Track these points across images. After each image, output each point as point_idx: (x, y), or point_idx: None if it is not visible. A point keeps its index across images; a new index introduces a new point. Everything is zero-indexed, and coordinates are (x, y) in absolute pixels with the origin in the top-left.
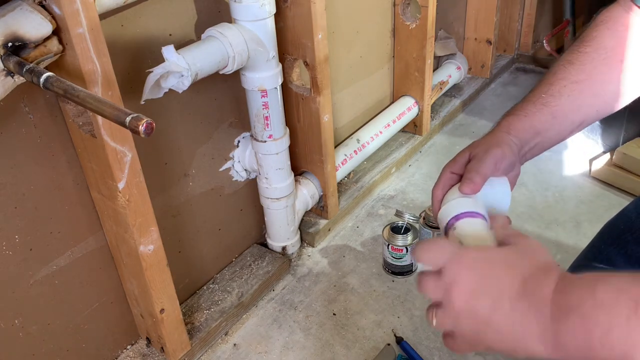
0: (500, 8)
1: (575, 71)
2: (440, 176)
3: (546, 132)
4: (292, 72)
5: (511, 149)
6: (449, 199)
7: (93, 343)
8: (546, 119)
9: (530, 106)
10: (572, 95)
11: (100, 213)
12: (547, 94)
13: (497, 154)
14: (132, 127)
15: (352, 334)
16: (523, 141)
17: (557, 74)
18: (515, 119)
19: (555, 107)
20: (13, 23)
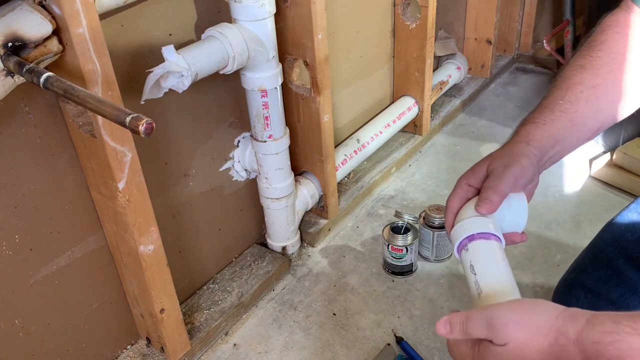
0: (500, 8)
1: (590, 76)
2: (456, 187)
3: (565, 139)
4: (292, 72)
5: (531, 161)
6: (463, 216)
7: (93, 343)
8: (565, 127)
9: (548, 113)
10: (589, 100)
11: (100, 213)
12: (565, 100)
13: (516, 170)
14: (132, 127)
15: (352, 334)
16: (543, 151)
17: (572, 78)
18: (534, 128)
19: (574, 114)
20: (13, 23)
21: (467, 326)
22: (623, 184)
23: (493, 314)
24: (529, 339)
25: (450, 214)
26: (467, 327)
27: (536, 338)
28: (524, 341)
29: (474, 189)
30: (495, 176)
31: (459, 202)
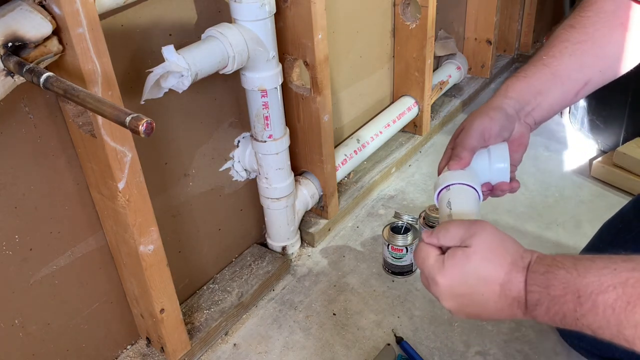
0: (500, 8)
1: (577, 33)
2: (445, 151)
3: (548, 91)
4: (292, 72)
5: (503, 112)
6: (444, 171)
7: (93, 343)
8: (547, 78)
9: (530, 67)
10: (574, 55)
11: (100, 213)
12: (548, 55)
13: (483, 122)
14: (132, 127)
15: (352, 334)
16: (523, 102)
17: (559, 37)
18: (515, 80)
19: (557, 67)
20: (13, 23)
21: (445, 233)
22: (623, 184)
23: (473, 222)
24: (495, 251)
25: (439, 174)
26: (444, 234)
27: (501, 255)
28: (490, 249)
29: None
30: (463, 133)
31: (443, 163)
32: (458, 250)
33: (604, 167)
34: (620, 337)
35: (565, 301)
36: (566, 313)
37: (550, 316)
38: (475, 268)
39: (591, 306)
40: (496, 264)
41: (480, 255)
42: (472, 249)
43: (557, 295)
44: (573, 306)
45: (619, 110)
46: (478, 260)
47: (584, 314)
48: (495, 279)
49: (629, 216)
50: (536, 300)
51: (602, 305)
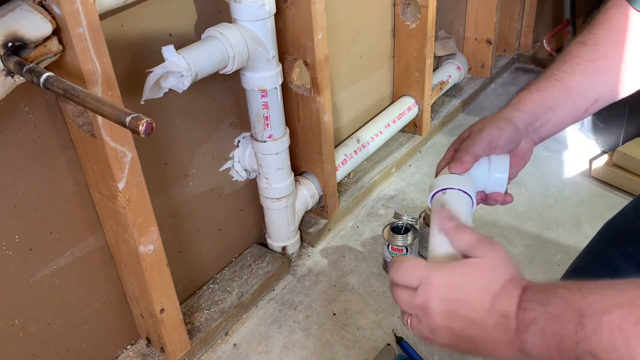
0: (500, 8)
1: (588, 50)
2: (446, 152)
3: (559, 107)
4: (292, 72)
5: (513, 125)
6: (442, 173)
7: (93, 343)
8: (559, 94)
9: (543, 81)
10: (586, 72)
11: (100, 213)
12: (561, 70)
13: (492, 132)
14: (132, 127)
15: (352, 334)
16: (533, 116)
17: (571, 52)
18: (527, 94)
19: (569, 83)
20: (13, 23)
21: (459, 236)
22: (623, 184)
23: (486, 237)
24: (499, 266)
25: (437, 175)
26: (459, 235)
27: (503, 269)
28: (495, 263)
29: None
30: (470, 138)
31: (443, 164)
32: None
33: (604, 167)
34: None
35: (565, 320)
36: (565, 335)
37: (545, 339)
38: (476, 275)
39: (595, 327)
40: (496, 276)
41: (484, 266)
42: (478, 259)
43: (557, 314)
44: (574, 327)
45: (619, 110)
46: (481, 269)
47: (587, 336)
48: (489, 289)
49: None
50: (530, 319)
51: (608, 326)
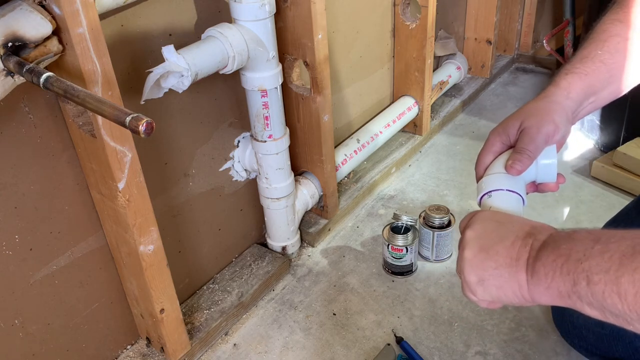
0: (500, 8)
1: (627, 28)
2: (487, 142)
3: (601, 91)
4: (292, 72)
5: (566, 116)
6: (494, 170)
7: (93, 343)
8: (604, 78)
9: (589, 64)
10: (626, 52)
11: (100, 213)
12: (604, 50)
13: (549, 131)
14: (132, 127)
15: (352, 334)
16: (579, 103)
17: (609, 31)
18: (577, 79)
19: (613, 65)
20: (13, 23)
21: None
22: (623, 184)
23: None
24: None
25: (480, 168)
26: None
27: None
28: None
29: (506, 146)
30: (528, 138)
31: (489, 157)
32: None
33: (603, 167)
34: (614, 286)
35: (581, 243)
36: (572, 255)
37: (555, 257)
38: (511, 216)
39: (601, 250)
40: (541, 223)
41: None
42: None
43: (576, 238)
44: (584, 248)
45: (618, 110)
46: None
47: (590, 257)
48: (530, 223)
49: (631, 215)
50: (553, 241)
51: (613, 250)
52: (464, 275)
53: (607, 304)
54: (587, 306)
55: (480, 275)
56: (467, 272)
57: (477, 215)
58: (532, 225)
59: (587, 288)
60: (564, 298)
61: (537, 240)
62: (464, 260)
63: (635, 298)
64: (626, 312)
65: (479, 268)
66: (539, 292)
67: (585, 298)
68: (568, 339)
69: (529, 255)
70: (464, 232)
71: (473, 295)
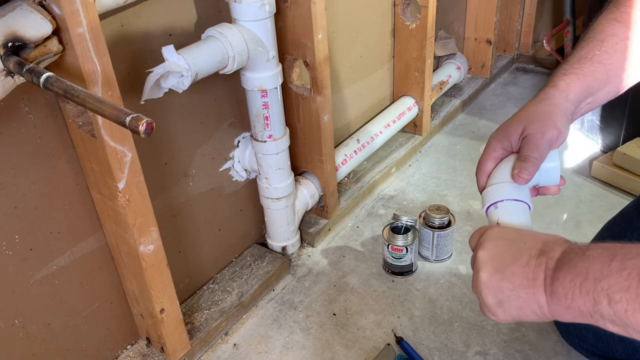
0: (500, 8)
1: (624, 28)
2: (488, 148)
3: (599, 92)
4: (292, 72)
5: (567, 119)
6: (497, 180)
7: (93, 343)
8: (602, 79)
9: (587, 64)
10: (623, 53)
11: (100, 213)
12: (602, 51)
13: (552, 134)
14: (132, 127)
15: (352, 334)
16: (577, 104)
17: (606, 30)
18: (575, 80)
19: (610, 66)
20: (13, 23)
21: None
22: (623, 184)
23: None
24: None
25: (483, 175)
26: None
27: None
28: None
29: (507, 152)
30: (532, 145)
31: (491, 163)
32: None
33: (603, 167)
34: (636, 304)
35: (597, 261)
36: (589, 274)
37: (573, 276)
38: (533, 232)
39: (619, 268)
40: (551, 235)
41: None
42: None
43: (592, 255)
44: (600, 266)
45: (618, 110)
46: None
47: (608, 275)
48: (542, 237)
49: (631, 215)
50: (568, 259)
51: (631, 268)
52: (482, 297)
53: (630, 322)
54: (610, 324)
55: (498, 298)
56: (485, 295)
57: (487, 234)
58: (543, 241)
59: (608, 307)
60: (585, 317)
61: (550, 258)
62: (480, 282)
63: None
64: None
65: (496, 290)
66: (560, 312)
67: (607, 317)
68: (568, 339)
69: (545, 275)
70: (476, 252)
71: (493, 316)
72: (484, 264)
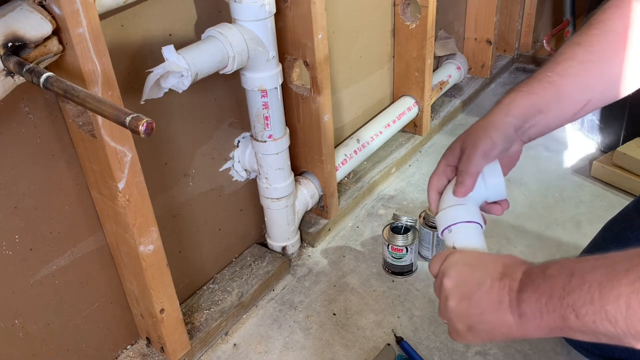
0: (500, 8)
1: (582, 52)
2: (437, 166)
3: (549, 110)
4: (292, 72)
5: (504, 132)
6: (446, 204)
7: (93, 343)
8: (551, 97)
9: (535, 83)
10: (578, 75)
11: (100, 213)
12: (554, 72)
13: (485, 146)
14: (132, 127)
15: (352, 334)
16: (523, 119)
17: (565, 54)
18: (519, 96)
19: (561, 87)
20: (13, 23)
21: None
22: (623, 184)
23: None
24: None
25: (433, 192)
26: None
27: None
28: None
29: (453, 167)
30: (465, 157)
31: (438, 180)
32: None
33: (603, 167)
34: (602, 314)
35: (557, 279)
36: (553, 292)
37: (538, 296)
38: (492, 255)
39: (579, 282)
40: (510, 257)
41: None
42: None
43: (551, 274)
44: (562, 284)
45: (618, 110)
46: (497, 255)
47: (571, 291)
48: (502, 260)
49: (631, 215)
50: (531, 281)
51: (590, 282)
52: (453, 324)
53: (600, 331)
54: (580, 334)
55: (468, 323)
56: (455, 322)
57: (448, 261)
58: (503, 263)
59: (577, 320)
60: (556, 332)
61: (513, 280)
62: (448, 310)
63: (625, 322)
64: (620, 334)
65: (465, 316)
66: (530, 330)
67: (577, 329)
68: (568, 339)
69: (510, 297)
70: (441, 280)
71: (464, 340)
72: (450, 292)
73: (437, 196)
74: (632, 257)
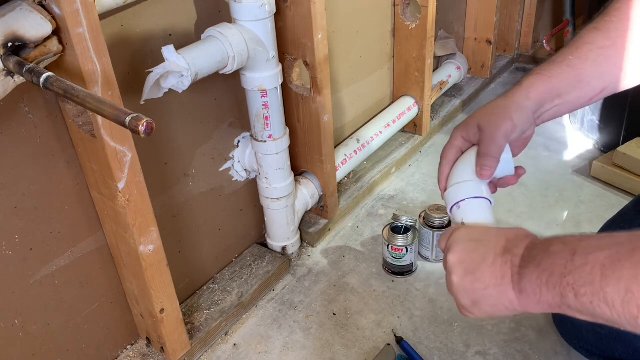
0: (500, 8)
1: (601, 37)
2: (451, 138)
3: (567, 95)
4: (292, 72)
5: (525, 115)
6: (458, 179)
7: (93, 343)
8: (570, 82)
9: (555, 67)
10: (597, 60)
11: (100, 213)
12: (574, 56)
13: (507, 129)
14: (132, 127)
15: (352, 334)
16: (540, 103)
17: (583, 38)
18: (539, 79)
19: (581, 70)
20: (13, 23)
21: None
22: (623, 184)
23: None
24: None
25: (446, 164)
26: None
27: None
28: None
29: (467, 142)
30: (488, 138)
31: (454, 153)
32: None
33: (603, 167)
34: (600, 295)
35: (559, 257)
36: (555, 270)
37: (539, 273)
38: (497, 229)
39: (582, 263)
40: (514, 230)
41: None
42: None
43: (554, 251)
44: (564, 262)
45: (618, 110)
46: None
47: (573, 270)
48: (506, 234)
49: (630, 215)
50: (532, 256)
51: (592, 262)
52: (458, 299)
53: (597, 312)
54: (578, 314)
55: (472, 298)
56: (460, 297)
57: (454, 236)
58: (506, 238)
59: (575, 300)
60: (554, 309)
61: (515, 255)
62: (453, 285)
63: (622, 305)
64: (615, 318)
65: (469, 291)
66: (530, 306)
67: (575, 308)
68: (568, 339)
69: (512, 272)
70: (446, 257)
71: (470, 314)
72: (455, 267)
73: (449, 170)
74: (637, 239)
